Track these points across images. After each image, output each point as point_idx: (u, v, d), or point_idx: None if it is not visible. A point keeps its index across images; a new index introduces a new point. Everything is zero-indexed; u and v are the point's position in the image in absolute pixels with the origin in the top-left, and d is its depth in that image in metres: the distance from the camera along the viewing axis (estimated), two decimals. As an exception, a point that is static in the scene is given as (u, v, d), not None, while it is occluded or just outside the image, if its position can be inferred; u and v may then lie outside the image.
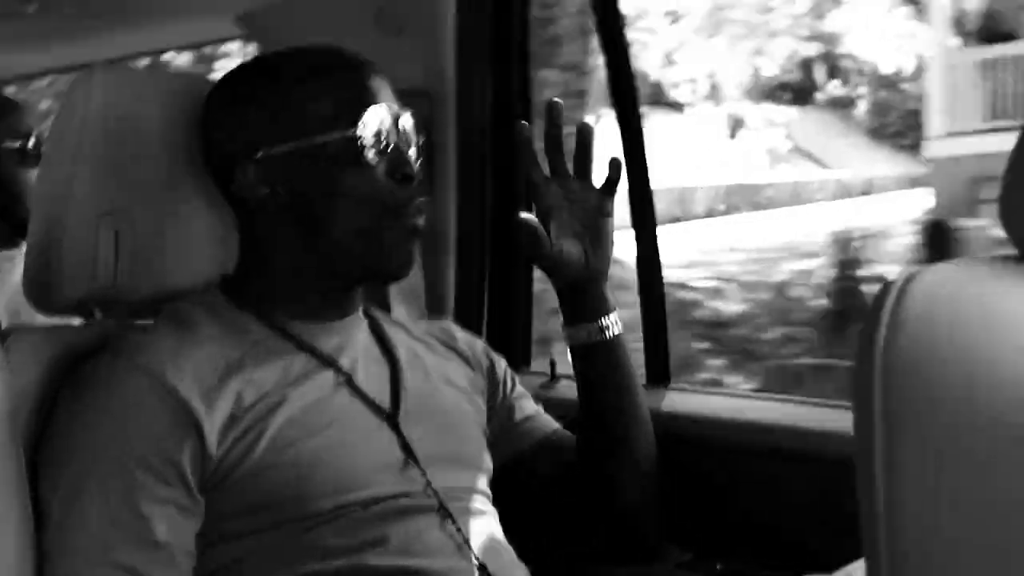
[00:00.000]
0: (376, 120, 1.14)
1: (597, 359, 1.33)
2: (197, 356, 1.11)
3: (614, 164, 1.29)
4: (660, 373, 1.66)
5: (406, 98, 1.66)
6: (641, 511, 1.37)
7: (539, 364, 1.86)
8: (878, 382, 0.51)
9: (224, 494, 1.07)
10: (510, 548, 1.24)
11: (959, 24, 13.25)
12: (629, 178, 1.62)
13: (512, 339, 1.84)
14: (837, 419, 1.38)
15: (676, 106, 16.81)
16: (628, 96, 1.62)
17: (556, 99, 1.28)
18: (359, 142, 1.13)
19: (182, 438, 1.05)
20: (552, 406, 1.43)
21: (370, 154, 1.14)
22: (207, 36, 2.31)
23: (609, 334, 1.31)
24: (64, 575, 1.03)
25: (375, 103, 1.15)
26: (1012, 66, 11.39)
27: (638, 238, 1.65)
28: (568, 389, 1.53)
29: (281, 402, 1.11)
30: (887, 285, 0.55)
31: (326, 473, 1.10)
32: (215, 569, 1.09)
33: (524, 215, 1.26)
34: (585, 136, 1.28)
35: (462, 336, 1.39)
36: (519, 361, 1.84)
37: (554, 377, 1.72)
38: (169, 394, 1.06)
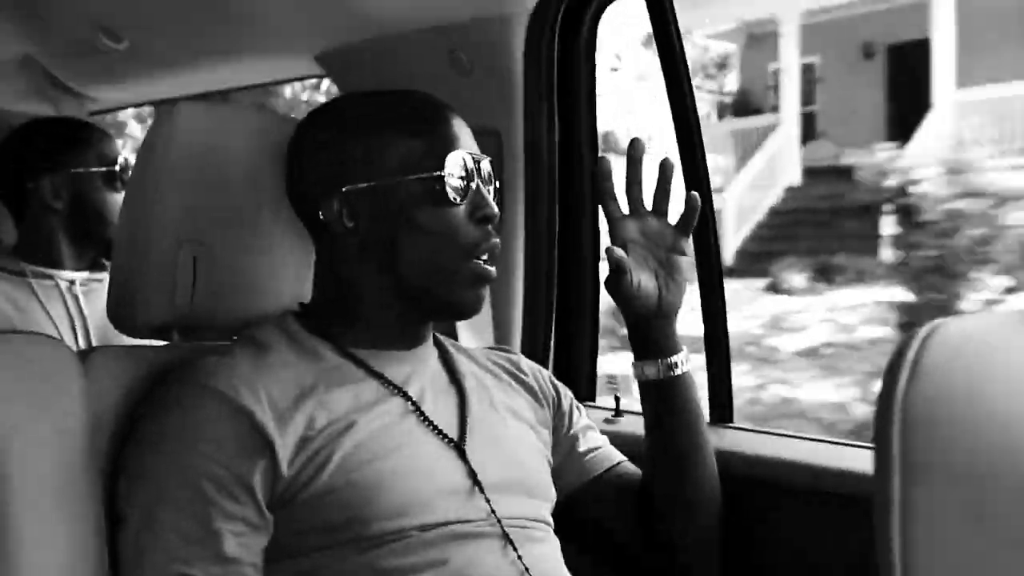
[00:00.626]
0: (460, 163, 1.19)
1: (665, 395, 1.34)
2: (271, 381, 1.14)
3: (691, 200, 1.31)
4: (723, 411, 1.66)
5: (477, 136, 1.69)
6: (702, 548, 1.37)
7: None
8: (896, 429, 0.51)
9: (292, 513, 1.11)
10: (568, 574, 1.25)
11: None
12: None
13: (578, 373, 1.86)
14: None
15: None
16: (691, 131, 1.64)
17: (638, 136, 1.31)
18: (443, 183, 1.18)
19: (254, 459, 1.09)
20: (616, 441, 1.45)
21: (453, 195, 1.18)
22: (289, 74, 2.37)
23: (677, 371, 1.33)
24: None
25: (460, 147, 1.20)
26: (757, 135, 13.80)
27: (702, 277, 1.65)
28: (632, 424, 1.54)
29: (351, 426, 1.14)
30: (912, 334, 0.55)
31: (390, 496, 1.13)
32: None
33: (612, 247, 1.29)
34: (665, 172, 1.30)
35: (529, 367, 1.41)
36: (584, 395, 1.86)
37: (619, 412, 1.74)
38: (243, 416, 1.10)
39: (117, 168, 1.93)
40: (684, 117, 1.63)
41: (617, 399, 1.74)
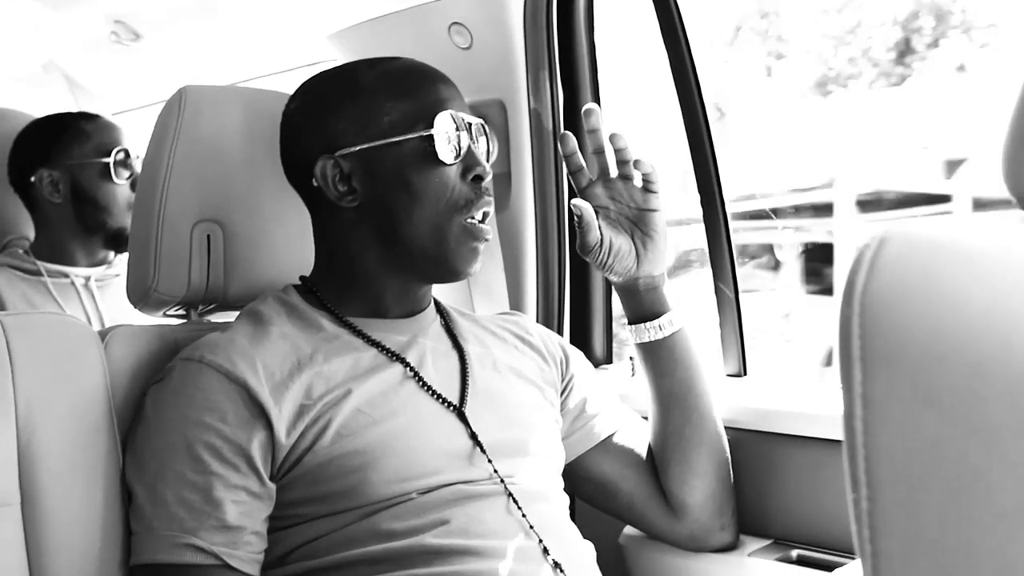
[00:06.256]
0: (449, 123, 1.20)
1: (660, 355, 1.37)
2: (268, 353, 1.17)
3: (638, 163, 1.33)
4: (737, 365, 1.67)
5: (483, 107, 1.70)
6: (714, 510, 1.38)
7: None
8: (856, 324, 0.53)
9: (295, 482, 1.13)
10: (576, 530, 1.26)
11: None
12: (697, 179, 1.65)
13: (594, 336, 1.87)
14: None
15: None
16: (694, 100, 1.65)
17: (592, 104, 1.34)
18: (434, 142, 1.19)
19: (252, 430, 1.12)
20: (633, 402, 1.46)
21: (444, 154, 1.20)
22: (305, 60, 2.39)
23: (667, 332, 1.35)
24: (147, 551, 1.11)
25: (450, 109, 1.22)
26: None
27: (709, 237, 1.66)
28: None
29: (349, 393, 1.16)
30: (873, 236, 0.57)
31: (390, 461, 1.14)
32: (289, 550, 1.15)
33: (576, 200, 1.31)
34: (617, 140, 1.33)
35: (536, 330, 1.42)
36: (601, 358, 1.87)
37: (635, 374, 1.75)
38: (239, 388, 1.12)
39: (111, 160, 1.93)
40: (691, 106, 1.64)
41: (632, 360, 1.75)
